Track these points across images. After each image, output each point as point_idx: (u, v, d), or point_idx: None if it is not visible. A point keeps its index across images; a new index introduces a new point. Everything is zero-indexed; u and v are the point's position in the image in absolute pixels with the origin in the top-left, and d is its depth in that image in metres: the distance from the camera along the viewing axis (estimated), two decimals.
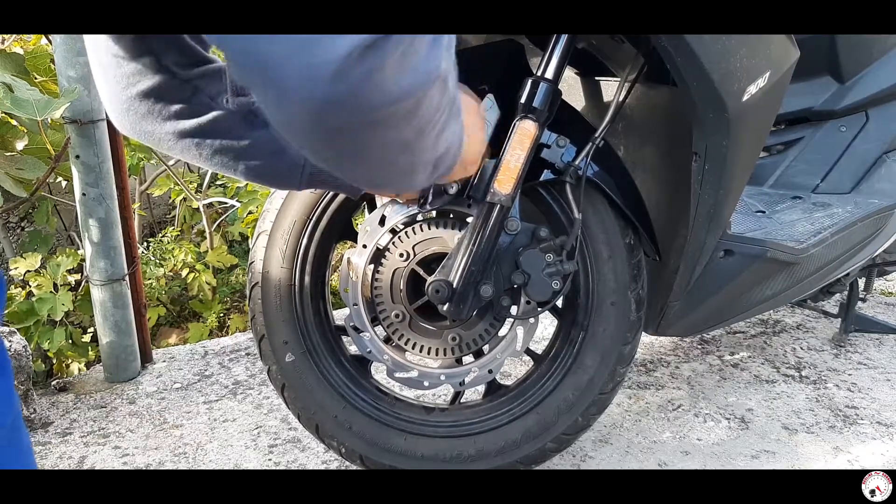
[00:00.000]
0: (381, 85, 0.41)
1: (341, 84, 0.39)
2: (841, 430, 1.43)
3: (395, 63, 0.41)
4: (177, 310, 2.27)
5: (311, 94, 0.40)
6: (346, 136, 0.45)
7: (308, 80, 0.39)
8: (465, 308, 1.02)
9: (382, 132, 0.46)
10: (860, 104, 1.52)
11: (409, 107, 0.44)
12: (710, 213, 1.07)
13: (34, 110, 1.35)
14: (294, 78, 0.39)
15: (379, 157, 0.49)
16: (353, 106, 0.41)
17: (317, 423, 1.18)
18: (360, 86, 0.40)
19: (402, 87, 0.43)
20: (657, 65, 0.95)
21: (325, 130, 0.44)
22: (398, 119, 0.45)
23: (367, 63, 0.39)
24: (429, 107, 0.47)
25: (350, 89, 0.40)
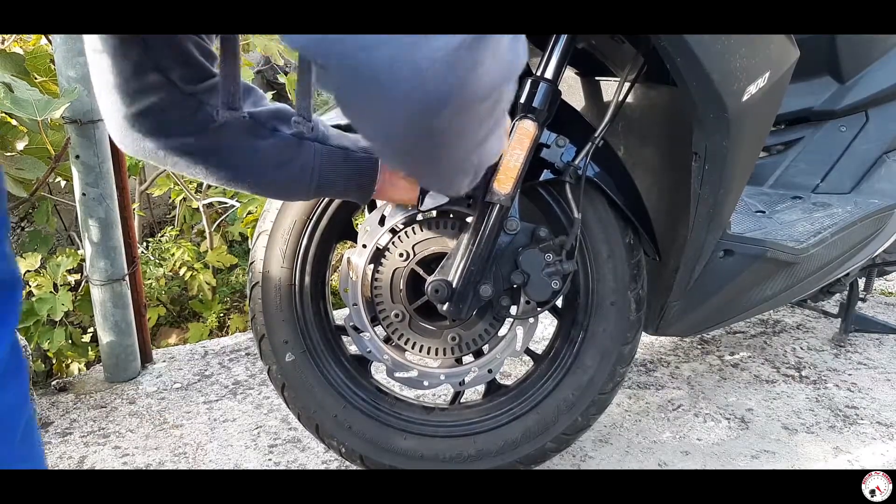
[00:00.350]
0: (482, 77, 0.45)
1: (452, 76, 0.43)
2: (841, 430, 1.43)
3: (492, 57, 0.45)
4: (177, 310, 2.27)
5: (423, 89, 0.43)
6: (443, 135, 0.48)
7: (420, 75, 0.42)
8: (464, 308, 1.02)
9: (474, 128, 0.50)
10: (860, 104, 1.52)
11: (497, 97, 0.49)
12: (709, 212, 1.07)
13: (34, 110, 1.35)
14: (405, 76, 0.42)
15: (458, 155, 0.54)
16: (460, 97, 0.45)
17: (317, 422, 1.17)
18: (467, 77, 0.44)
19: (496, 78, 0.47)
20: (657, 65, 0.95)
21: (425, 129, 0.47)
22: (488, 113, 0.49)
23: (474, 55, 0.43)
24: (507, 99, 0.51)
25: (459, 81, 0.43)
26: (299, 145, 0.84)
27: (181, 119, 0.73)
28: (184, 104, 0.72)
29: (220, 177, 0.81)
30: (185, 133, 0.73)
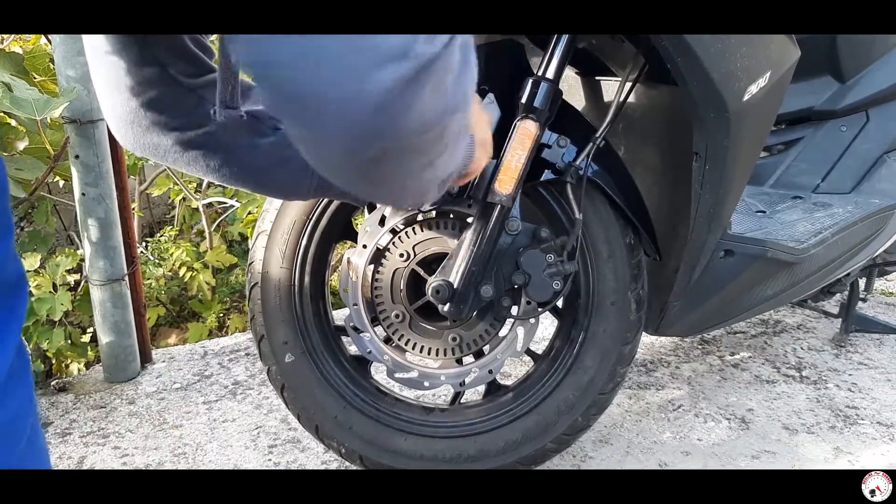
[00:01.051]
0: (419, 114, 0.42)
1: (382, 115, 0.40)
2: (841, 431, 1.43)
3: (432, 92, 0.42)
4: (176, 310, 2.27)
5: (352, 124, 0.41)
6: (380, 164, 0.46)
7: (349, 111, 0.40)
8: (465, 308, 1.02)
9: (415, 157, 0.48)
10: (861, 104, 1.52)
11: (440, 130, 0.46)
12: (710, 212, 1.07)
13: (33, 110, 1.35)
14: (335, 109, 0.40)
15: (406, 179, 0.51)
16: (392, 134, 0.43)
17: (316, 423, 1.17)
18: (400, 116, 0.41)
19: (437, 112, 0.44)
20: (658, 64, 0.94)
21: (361, 160, 0.45)
22: (431, 143, 0.47)
23: (408, 95, 0.41)
24: (456, 127, 0.49)
25: (390, 120, 0.41)
26: None
27: (181, 114, 0.72)
28: (184, 99, 0.71)
29: (221, 175, 0.80)
30: (186, 128, 0.73)
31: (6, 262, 0.46)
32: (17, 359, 0.46)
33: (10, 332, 0.45)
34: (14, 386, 0.45)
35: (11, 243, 0.47)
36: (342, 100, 0.39)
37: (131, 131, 0.72)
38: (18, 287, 0.47)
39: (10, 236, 0.46)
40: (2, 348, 0.44)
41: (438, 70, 0.42)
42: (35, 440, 0.49)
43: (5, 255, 0.45)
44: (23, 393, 0.47)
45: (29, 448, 0.48)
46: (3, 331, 0.44)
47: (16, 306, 0.46)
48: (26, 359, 0.48)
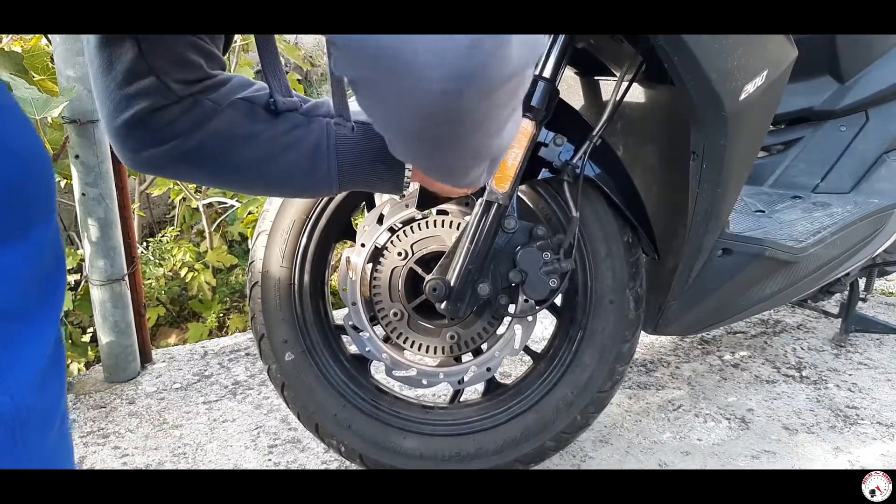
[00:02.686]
0: (507, 57, 0.43)
1: (475, 56, 0.42)
2: (841, 431, 1.43)
3: (516, 38, 0.44)
4: (176, 310, 2.27)
5: (447, 69, 0.42)
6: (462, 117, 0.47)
7: (442, 55, 0.41)
8: (462, 306, 1.02)
9: (496, 111, 0.48)
10: (860, 104, 1.52)
11: (518, 82, 0.47)
12: (708, 211, 1.07)
13: (33, 109, 1.35)
14: (428, 56, 0.41)
15: (477, 142, 0.52)
16: (483, 79, 0.43)
17: (316, 422, 1.17)
18: (491, 58, 0.42)
19: (520, 59, 0.45)
20: (655, 64, 0.95)
21: (446, 112, 0.46)
22: (509, 96, 0.48)
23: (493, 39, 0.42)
24: (527, 84, 0.50)
25: (482, 61, 0.42)
26: (308, 123, 0.75)
27: (172, 121, 0.69)
28: (176, 106, 0.69)
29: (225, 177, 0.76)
30: (178, 134, 0.70)
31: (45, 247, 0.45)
32: (55, 346, 0.46)
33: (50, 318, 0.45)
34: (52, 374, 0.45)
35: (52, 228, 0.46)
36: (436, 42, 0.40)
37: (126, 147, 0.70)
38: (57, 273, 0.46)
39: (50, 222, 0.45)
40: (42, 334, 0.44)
41: None
42: (64, 431, 0.49)
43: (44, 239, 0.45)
44: (59, 381, 0.47)
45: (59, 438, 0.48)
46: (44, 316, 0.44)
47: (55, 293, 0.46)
48: (62, 347, 0.48)
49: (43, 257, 0.45)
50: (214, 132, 0.71)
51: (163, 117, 0.68)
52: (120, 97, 0.66)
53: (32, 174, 0.43)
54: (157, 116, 0.68)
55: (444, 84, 0.43)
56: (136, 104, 0.67)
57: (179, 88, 0.68)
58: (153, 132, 0.69)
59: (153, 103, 0.67)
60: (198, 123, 0.70)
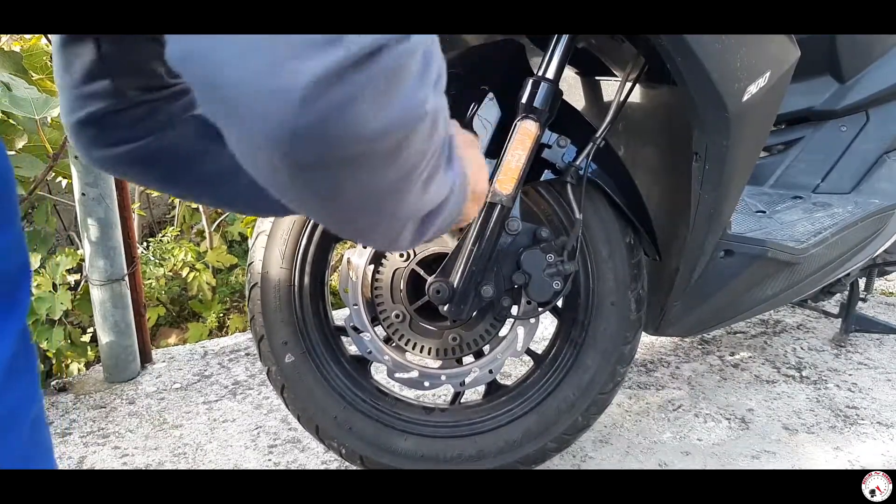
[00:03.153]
0: (356, 118, 0.36)
1: (309, 113, 0.35)
2: (841, 431, 1.43)
3: (374, 94, 0.36)
4: (176, 310, 2.27)
5: (276, 124, 0.35)
6: (318, 174, 0.40)
7: (272, 107, 0.35)
8: (465, 308, 1.02)
9: (358, 173, 0.40)
10: (860, 104, 1.52)
11: (389, 147, 0.39)
12: (710, 212, 1.07)
13: (32, 109, 1.35)
14: (257, 105, 0.35)
15: (357, 202, 0.44)
16: (323, 139, 0.37)
17: (317, 423, 1.17)
18: (331, 116, 0.35)
19: (381, 122, 0.38)
20: (657, 64, 0.94)
21: (293, 166, 0.39)
22: (377, 159, 0.40)
23: (340, 91, 0.35)
24: (414, 150, 0.42)
25: (319, 119, 0.35)
26: None
27: (126, 126, 0.67)
28: (131, 111, 0.67)
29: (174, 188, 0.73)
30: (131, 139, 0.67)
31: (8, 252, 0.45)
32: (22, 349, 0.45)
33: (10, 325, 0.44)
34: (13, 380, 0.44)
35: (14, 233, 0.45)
36: (264, 91, 0.34)
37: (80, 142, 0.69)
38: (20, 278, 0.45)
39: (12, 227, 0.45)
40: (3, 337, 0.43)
41: (386, 65, 0.36)
42: (38, 436, 0.48)
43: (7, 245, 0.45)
44: (24, 387, 0.46)
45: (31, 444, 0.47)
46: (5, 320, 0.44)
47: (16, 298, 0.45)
48: (31, 352, 0.47)
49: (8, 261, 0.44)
50: (167, 145, 0.70)
51: (116, 121, 0.67)
52: (76, 95, 0.66)
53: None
54: (111, 119, 0.67)
55: (278, 144, 0.36)
56: (90, 104, 0.66)
57: (135, 95, 0.67)
58: (106, 134, 0.68)
59: (107, 106, 0.66)
60: (151, 132, 0.68)
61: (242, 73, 0.34)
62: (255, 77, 0.34)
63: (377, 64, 0.35)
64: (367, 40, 0.35)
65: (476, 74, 1.04)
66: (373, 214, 0.46)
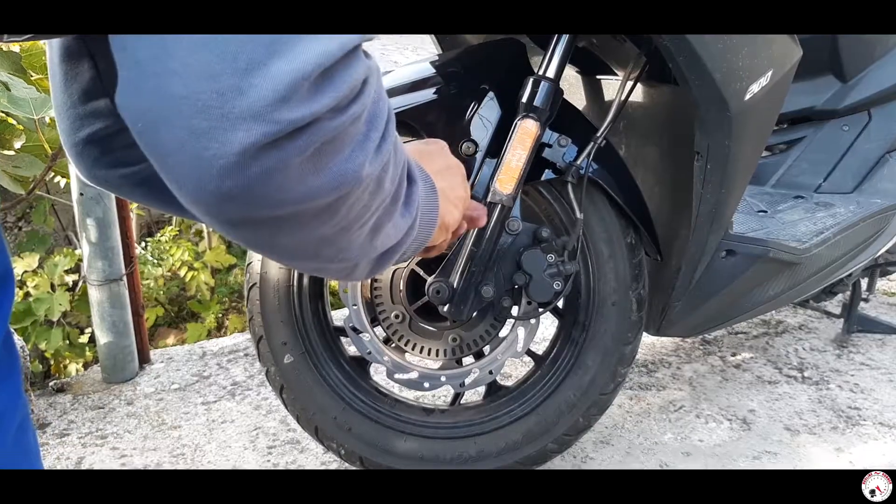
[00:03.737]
0: (282, 184, 0.36)
1: (234, 179, 0.35)
2: (843, 432, 1.43)
3: (303, 163, 0.36)
4: (175, 310, 2.27)
5: (201, 186, 0.36)
6: (247, 229, 0.40)
7: (198, 172, 0.35)
8: (465, 309, 1.01)
9: (289, 229, 0.41)
10: (862, 103, 1.51)
11: (318, 207, 0.39)
12: (711, 212, 1.06)
13: (31, 108, 1.34)
14: (185, 168, 0.36)
15: (294, 251, 0.44)
16: (248, 201, 0.37)
17: (316, 424, 1.17)
18: (255, 183, 0.36)
19: (310, 187, 0.38)
20: (659, 64, 0.94)
21: (222, 223, 0.40)
22: (306, 218, 0.40)
23: (265, 162, 0.35)
24: (353, 207, 0.41)
25: (242, 186, 0.36)
26: None
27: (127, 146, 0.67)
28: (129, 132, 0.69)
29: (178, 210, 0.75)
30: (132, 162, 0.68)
31: None
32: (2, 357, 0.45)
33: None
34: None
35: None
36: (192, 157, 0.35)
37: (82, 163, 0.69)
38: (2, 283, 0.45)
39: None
40: None
41: (316, 138, 0.36)
42: (23, 442, 0.48)
43: None
44: (8, 390, 0.46)
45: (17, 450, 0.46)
46: None
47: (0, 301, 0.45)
48: (14, 355, 0.47)
49: None
50: None
51: (117, 141, 0.67)
52: (75, 115, 0.66)
53: None
54: (112, 140, 0.67)
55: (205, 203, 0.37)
56: (90, 124, 0.66)
57: None
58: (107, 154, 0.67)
59: (107, 125, 0.66)
60: None
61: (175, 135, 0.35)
62: (184, 142, 0.35)
63: (308, 136, 0.35)
64: (297, 115, 0.34)
65: (476, 73, 1.04)
66: (313, 261, 0.46)
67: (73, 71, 0.64)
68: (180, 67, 0.33)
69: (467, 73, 1.04)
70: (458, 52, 1.10)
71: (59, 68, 0.65)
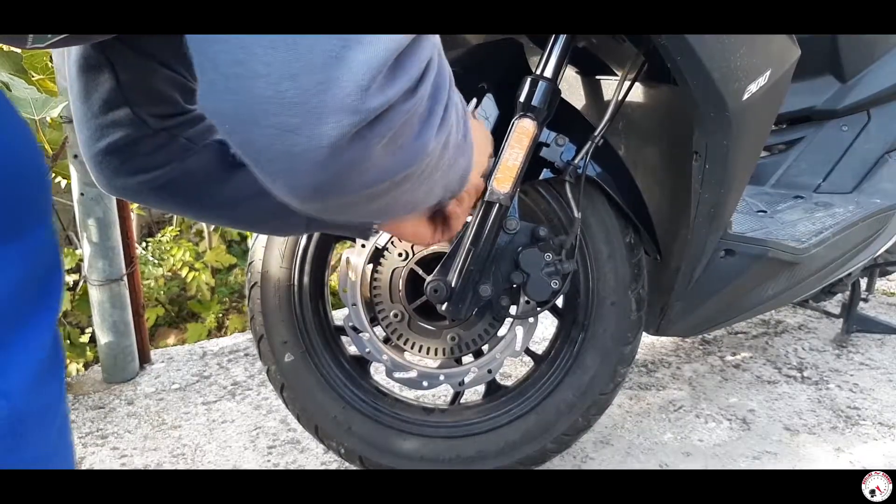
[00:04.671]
0: (367, 170, 0.40)
1: (322, 173, 0.38)
2: (843, 431, 1.43)
3: (382, 149, 0.39)
4: (175, 310, 2.27)
5: (295, 181, 0.39)
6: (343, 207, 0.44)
7: (289, 167, 0.38)
8: (463, 308, 1.02)
9: (379, 199, 0.45)
10: (862, 103, 1.52)
11: (401, 178, 0.43)
12: (710, 212, 1.06)
13: (32, 109, 1.34)
14: (276, 164, 0.38)
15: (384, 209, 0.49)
16: (340, 189, 0.40)
17: (316, 423, 1.17)
18: (345, 174, 0.39)
19: (390, 166, 0.41)
20: (657, 63, 0.94)
21: (319, 210, 0.44)
22: (392, 186, 0.44)
23: (352, 153, 0.37)
24: (426, 169, 0.45)
25: (334, 178, 0.39)
26: None
27: (148, 153, 0.69)
28: (151, 139, 0.68)
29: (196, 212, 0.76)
30: (153, 167, 0.69)
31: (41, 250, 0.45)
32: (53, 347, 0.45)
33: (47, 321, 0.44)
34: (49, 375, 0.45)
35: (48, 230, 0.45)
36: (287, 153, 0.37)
37: (102, 174, 0.70)
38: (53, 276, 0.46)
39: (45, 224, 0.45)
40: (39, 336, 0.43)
41: (393, 122, 0.38)
42: (65, 433, 0.49)
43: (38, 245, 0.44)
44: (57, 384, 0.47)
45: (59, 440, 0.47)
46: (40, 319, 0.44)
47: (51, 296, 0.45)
48: (60, 350, 0.47)
49: (39, 260, 0.44)
50: (188, 171, 0.71)
51: (137, 149, 0.68)
52: (96, 126, 0.66)
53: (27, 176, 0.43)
54: (132, 148, 0.68)
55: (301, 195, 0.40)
56: (111, 134, 0.67)
57: (154, 122, 0.68)
58: (128, 163, 0.69)
59: (128, 134, 0.67)
60: (172, 159, 0.70)
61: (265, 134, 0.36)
62: (274, 140, 0.37)
63: (387, 122, 0.38)
64: (377, 102, 0.36)
65: (475, 73, 1.04)
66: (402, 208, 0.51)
67: (94, 82, 0.65)
68: (262, 69, 0.34)
69: (466, 73, 1.04)
70: (457, 52, 1.11)
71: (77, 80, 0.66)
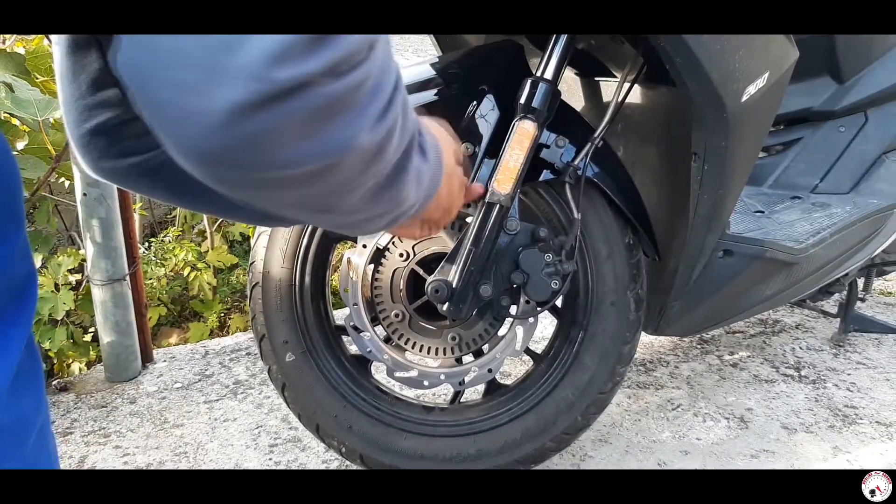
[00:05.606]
0: (269, 148, 0.35)
1: (215, 140, 0.35)
2: (840, 430, 1.44)
3: (295, 127, 0.35)
4: (177, 309, 2.28)
5: (192, 143, 0.36)
6: (240, 189, 0.40)
7: (183, 129, 0.35)
8: (464, 308, 1.02)
9: (275, 191, 0.41)
10: (859, 104, 1.52)
11: (309, 172, 0.38)
12: (709, 213, 1.07)
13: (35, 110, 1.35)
14: (176, 123, 0.35)
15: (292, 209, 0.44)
16: (234, 163, 0.37)
17: (317, 422, 1.18)
18: (242, 145, 0.35)
19: (297, 154, 0.36)
20: (656, 65, 0.95)
21: (213, 181, 0.39)
22: (309, 177, 0.39)
23: (252, 124, 0.34)
24: (348, 173, 0.40)
25: (228, 146, 0.35)
26: None
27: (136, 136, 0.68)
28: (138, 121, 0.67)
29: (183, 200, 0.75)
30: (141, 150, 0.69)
31: (14, 259, 0.45)
32: (27, 358, 0.45)
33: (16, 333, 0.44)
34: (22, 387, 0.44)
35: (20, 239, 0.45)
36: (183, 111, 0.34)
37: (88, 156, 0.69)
38: (26, 286, 0.45)
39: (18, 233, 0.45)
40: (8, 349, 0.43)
41: (309, 103, 0.35)
42: (43, 444, 0.48)
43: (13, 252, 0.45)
44: (31, 394, 0.46)
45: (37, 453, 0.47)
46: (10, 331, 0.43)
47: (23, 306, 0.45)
48: (37, 360, 0.47)
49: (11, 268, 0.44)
50: None
51: (125, 131, 0.67)
52: (83, 106, 0.65)
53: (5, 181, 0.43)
54: (120, 130, 0.67)
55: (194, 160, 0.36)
56: (99, 114, 0.66)
57: None
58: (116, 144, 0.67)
59: (116, 115, 0.66)
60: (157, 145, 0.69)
61: (164, 90, 0.34)
62: (172, 98, 0.34)
63: (300, 100, 0.34)
64: (291, 74, 0.33)
65: (475, 75, 1.05)
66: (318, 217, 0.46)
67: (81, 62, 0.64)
68: None
69: (466, 75, 1.05)
70: (458, 54, 1.11)
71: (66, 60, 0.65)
